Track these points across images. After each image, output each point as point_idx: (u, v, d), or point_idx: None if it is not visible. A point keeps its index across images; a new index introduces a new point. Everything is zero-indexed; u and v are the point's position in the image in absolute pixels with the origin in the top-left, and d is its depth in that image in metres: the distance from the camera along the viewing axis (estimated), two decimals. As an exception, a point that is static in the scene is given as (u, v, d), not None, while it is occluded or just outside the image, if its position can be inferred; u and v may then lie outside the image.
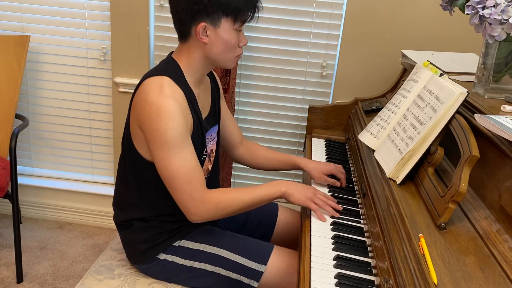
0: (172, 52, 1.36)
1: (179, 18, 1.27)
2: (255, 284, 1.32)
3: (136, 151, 1.31)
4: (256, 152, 1.62)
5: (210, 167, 1.47)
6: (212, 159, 1.47)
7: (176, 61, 1.31)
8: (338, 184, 1.48)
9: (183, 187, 1.23)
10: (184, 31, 1.28)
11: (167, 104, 1.20)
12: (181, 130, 1.22)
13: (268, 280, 1.32)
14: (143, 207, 1.36)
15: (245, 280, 1.32)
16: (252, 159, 1.62)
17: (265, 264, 1.32)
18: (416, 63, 1.50)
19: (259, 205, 1.33)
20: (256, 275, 1.32)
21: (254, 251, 1.35)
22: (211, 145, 1.45)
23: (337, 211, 1.32)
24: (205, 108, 1.41)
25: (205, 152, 1.39)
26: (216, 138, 1.49)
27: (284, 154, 1.63)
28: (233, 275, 1.32)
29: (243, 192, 1.30)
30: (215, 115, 1.47)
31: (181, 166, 1.22)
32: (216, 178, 1.53)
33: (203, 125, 1.35)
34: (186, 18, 1.25)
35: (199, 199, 1.25)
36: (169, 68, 1.30)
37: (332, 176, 1.51)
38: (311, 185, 1.50)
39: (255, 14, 1.30)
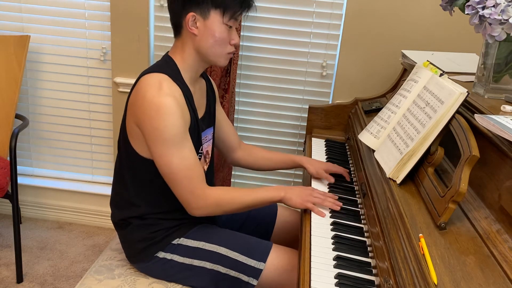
0: (168, 51, 1.37)
1: (172, 10, 1.32)
2: (254, 282, 1.32)
3: (132, 148, 1.32)
4: (256, 153, 1.65)
5: (205, 167, 1.47)
6: (207, 160, 1.48)
7: (172, 58, 1.34)
8: (332, 180, 1.50)
9: (184, 183, 1.26)
10: (177, 23, 1.32)
11: (166, 102, 1.21)
12: (180, 127, 1.23)
13: (267, 277, 1.32)
14: (140, 205, 1.36)
15: (244, 278, 1.32)
16: (252, 160, 1.64)
17: (264, 261, 1.32)
18: (416, 63, 1.50)
19: (257, 207, 1.37)
20: (256, 272, 1.32)
21: (253, 248, 1.35)
22: (206, 146, 1.45)
23: (336, 210, 1.32)
24: (200, 108, 1.42)
25: (201, 150, 1.40)
26: (211, 140, 1.50)
27: (283, 154, 1.65)
28: (232, 273, 1.33)
29: (244, 192, 1.33)
30: (210, 116, 1.48)
31: (181, 163, 1.24)
32: (211, 180, 1.53)
33: (199, 124, 1.36)
34: (177, 9, 1.30)
35: (199, 195, 1.27)
36: (166, 65, 1.32)
37: (332, 175, 1.52)
38: (311, 182, 1.51)
39: (245, 12, 1.32)
